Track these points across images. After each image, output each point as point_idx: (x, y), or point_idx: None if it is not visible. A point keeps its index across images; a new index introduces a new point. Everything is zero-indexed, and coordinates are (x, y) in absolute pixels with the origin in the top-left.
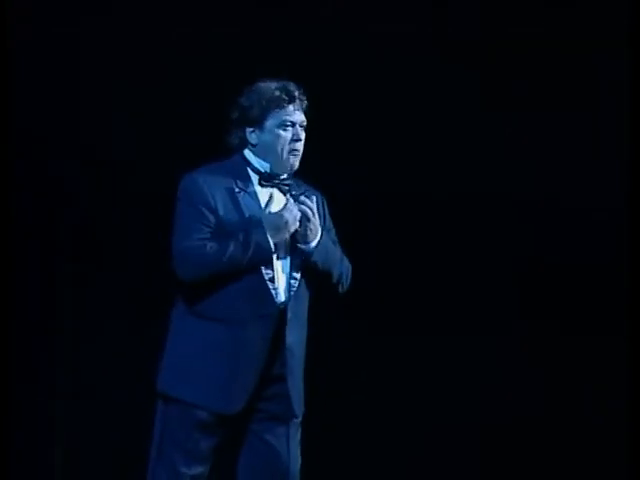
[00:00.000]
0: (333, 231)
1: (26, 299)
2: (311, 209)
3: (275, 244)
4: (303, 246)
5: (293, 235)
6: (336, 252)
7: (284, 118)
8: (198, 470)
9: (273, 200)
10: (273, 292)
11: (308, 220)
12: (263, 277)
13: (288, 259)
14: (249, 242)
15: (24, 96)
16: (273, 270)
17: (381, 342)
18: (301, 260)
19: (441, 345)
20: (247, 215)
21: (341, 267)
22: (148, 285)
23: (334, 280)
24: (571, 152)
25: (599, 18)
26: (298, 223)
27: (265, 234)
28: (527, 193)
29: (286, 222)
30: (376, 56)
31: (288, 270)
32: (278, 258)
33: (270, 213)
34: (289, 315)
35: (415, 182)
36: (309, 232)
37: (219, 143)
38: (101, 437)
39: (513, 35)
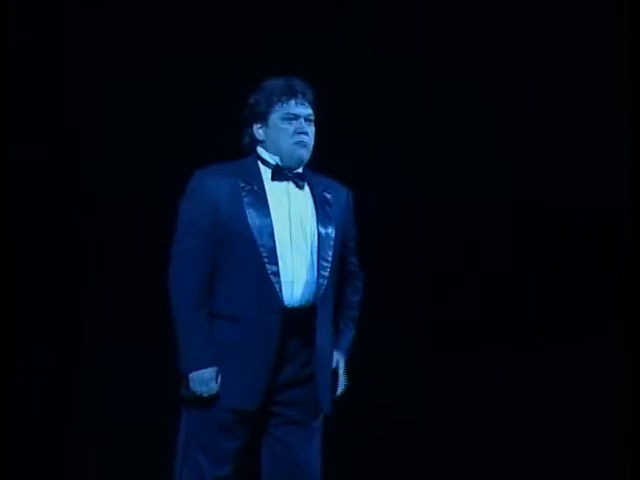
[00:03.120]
0: (353, 230)
1: (26, 299)
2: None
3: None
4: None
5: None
6: (350, 337)
7: (286, 111)
8: (222, 471)
9: (290, 196)
10: (277, 286)
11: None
12: (266, 271)
13: (310, 253)
14: (182, 351)
15: (24, 96)
16: (277, 265)
17: (380, 343)
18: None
19: (441, 344)
20: (249, 213)
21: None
22: (150, 285)
23: None
24: (571, 153)
25: (599, 17)
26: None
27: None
28: (528, 195)
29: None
30: (376, 56)
31: (311, 266)
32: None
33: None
34: (318, 315)
35: (414, 184)
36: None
37: (218, 144)
38: (101, 437)
39: (512, 34)
